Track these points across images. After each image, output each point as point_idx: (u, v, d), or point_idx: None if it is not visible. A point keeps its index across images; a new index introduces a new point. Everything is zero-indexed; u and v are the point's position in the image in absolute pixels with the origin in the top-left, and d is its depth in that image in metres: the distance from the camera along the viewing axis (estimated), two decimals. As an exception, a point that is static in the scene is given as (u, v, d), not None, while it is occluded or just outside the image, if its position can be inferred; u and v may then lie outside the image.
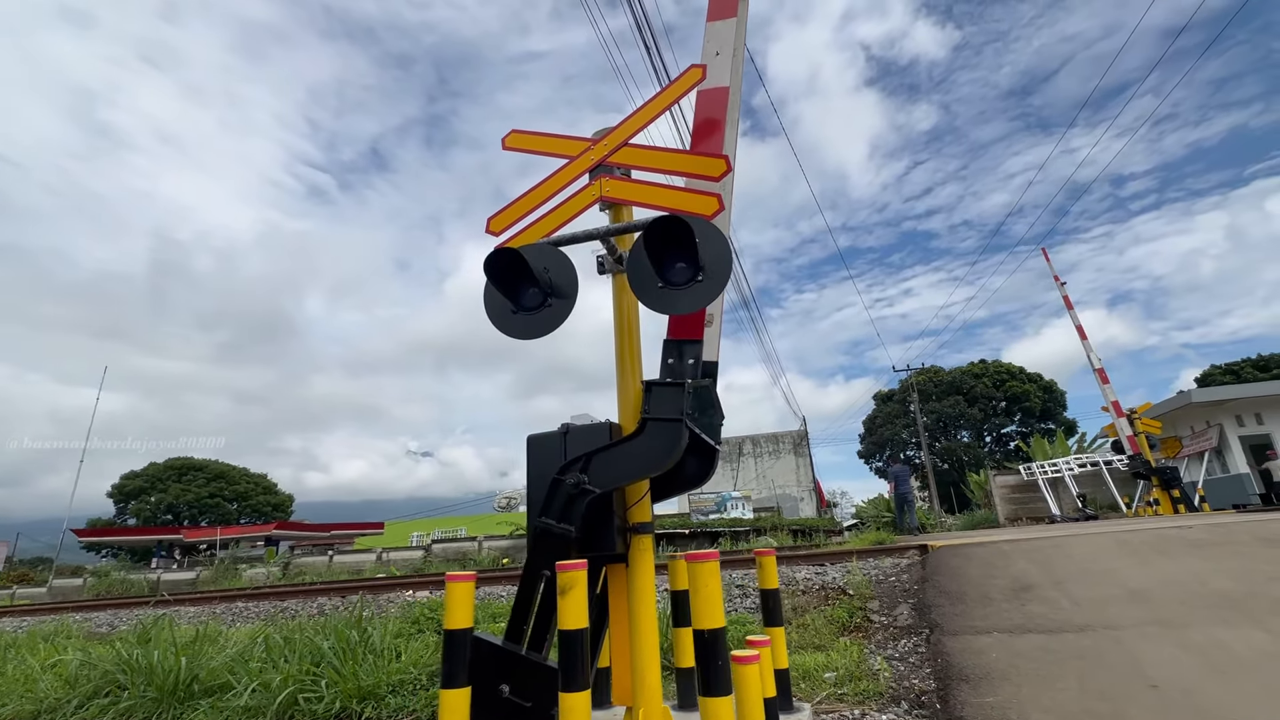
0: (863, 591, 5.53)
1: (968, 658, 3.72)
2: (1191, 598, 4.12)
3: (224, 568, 25.00)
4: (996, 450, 47.65)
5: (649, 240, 2.60)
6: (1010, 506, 23.85)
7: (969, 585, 4.94)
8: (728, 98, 3.34)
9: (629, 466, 2.61)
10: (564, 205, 3.21)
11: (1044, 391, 47.42)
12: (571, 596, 2.07)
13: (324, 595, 8.91)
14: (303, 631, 4.74)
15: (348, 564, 23.72)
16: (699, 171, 3.01)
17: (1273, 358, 43.64)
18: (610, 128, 3.28)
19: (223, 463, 55.87)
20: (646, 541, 2.76)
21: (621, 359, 3.03)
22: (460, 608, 2.27)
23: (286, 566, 24.00)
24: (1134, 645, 3.57)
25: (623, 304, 3.08)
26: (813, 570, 6.59)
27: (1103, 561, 5.05)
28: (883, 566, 6.33)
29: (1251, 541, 5.10)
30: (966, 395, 48.33)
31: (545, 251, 2.92)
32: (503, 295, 2.84)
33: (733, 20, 3.44)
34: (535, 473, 2.78)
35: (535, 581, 2.57)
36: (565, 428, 2.85)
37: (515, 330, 2.89)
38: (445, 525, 40.27)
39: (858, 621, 4.95)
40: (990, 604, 4.51)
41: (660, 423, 2.60)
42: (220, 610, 8.67)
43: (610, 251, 3.10)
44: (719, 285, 2.66)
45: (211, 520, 50.75)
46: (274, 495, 57.65)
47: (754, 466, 32.32)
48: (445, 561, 22.34)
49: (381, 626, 4.95)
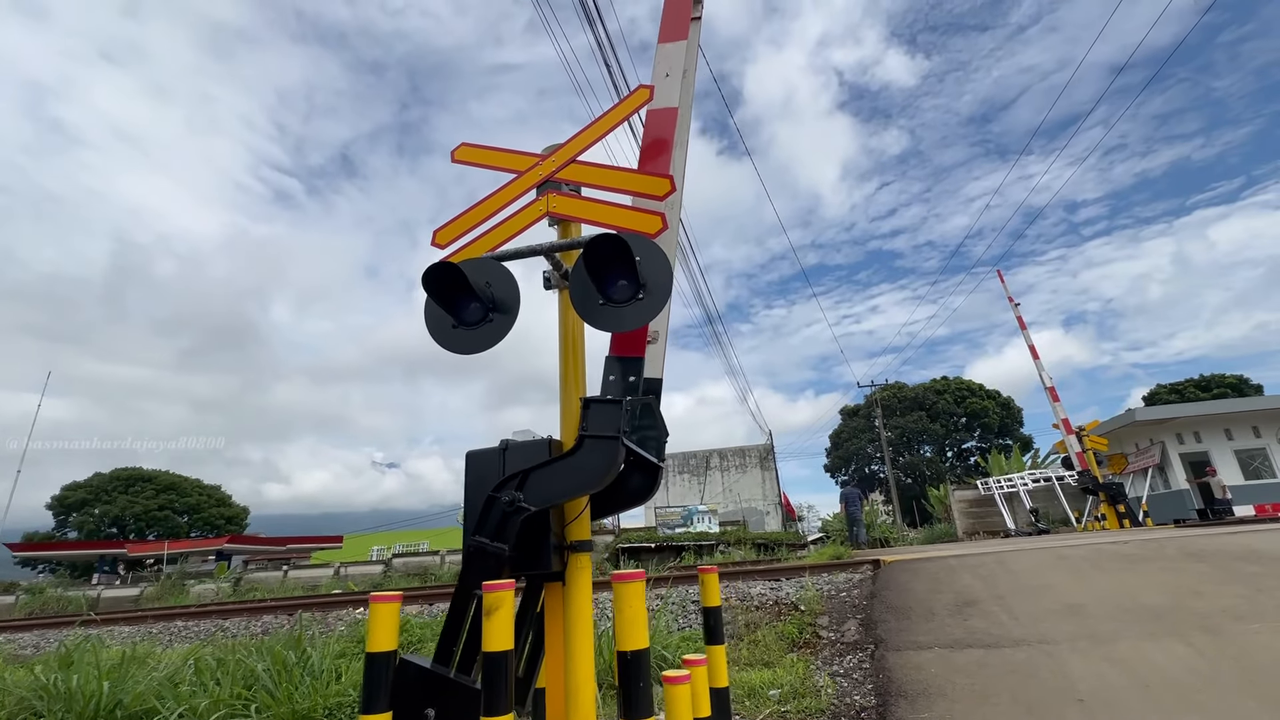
0: (814, 607, 5.57)
1: (908, 673, 3.78)
2: (1121, 612, 4.26)
3: (170, 584, 23.94)
4: (958, 465, 48.84)
5: (589, 258, 2.61)
6: (968, 520, 24.43)
7: (915, 600, 5.03)
8: (676, 118, 3.39)
9: (565, 484, 2.59)
10: (511, 219, 3.20)
11: (1002, 408, 48.90)
12: (497, 617, 2.03)
13: (270, 613, 8.59)
14: (237, 652, 4.55)
15: (303, 579, 22.97)
16: (644, 190, 3.04)
17: (1214, 378, 45.87)
18: (559, 144, 3.30)
19: (173, 473, 53.65)
20: (584, 560, 2.73)
21: (565, 375, 3.02)
22: (383, 629, 2.22)
23: (238, 582, 23.12)
24: (1065, 659, 3.67)
25: (567, 320, 3.08)
26: (768, 585, 6.63)
27: (1043, 576, 5.19)
28: (836, 582, 6.40)
29: (1180, 556, 5.32)
30: (929, 411, 49.51)
31: (487, 266, 2.91)
32: (442, 309, 2.81)
33: (683, 43, 3.50)
34: (472, 490, 2.73)
35: (467, 601, 2.52)
36: (505, 444, 2.82)
37: (455, 345, 2.86)
38: (407, 539, 39.36)
39: (807, 637, 4.99)
40: (934, 619, 4.59)
41: (597, 440, 2.59)
42: (157, 630, 8.28)
43: (556, 267, 3.09)
44: (659, 303, 2.68)
45: (160, 534, 48.61)
46: (228, 507, 55.53)
47: (721, 480, 32.45)
48: (405, 576, 21.81)
49: (323, 646, 4.79)
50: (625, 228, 2.88)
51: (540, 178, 3.20)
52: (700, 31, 3.81)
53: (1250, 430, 17.68)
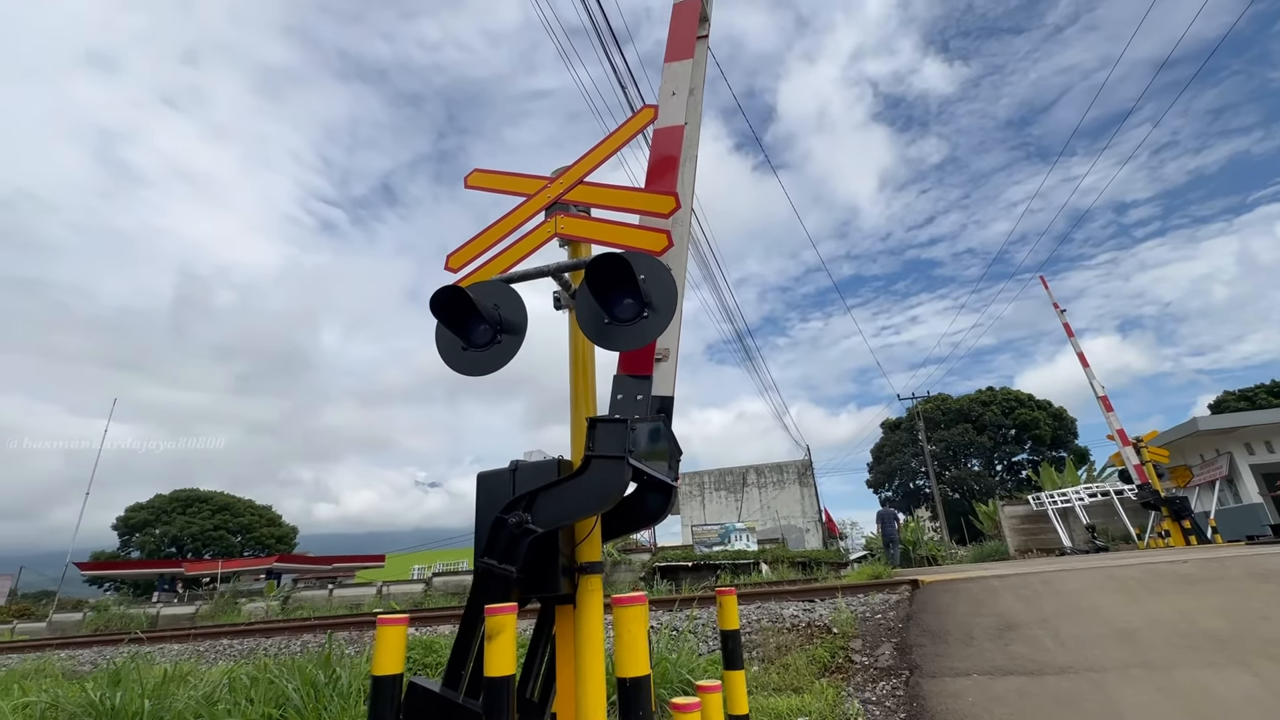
0: (847, 630, 5.38)
1: (943, 702, 3.60)
2: (1178, 638, 3.98)
3: (224, 602, 24.79)
4: (1008, 479, 46.82)
5: (592, 277, 2.61)
6: (1020, 537, 23.33)
7: (953, 624, 4.80)
8: (683, 136, 3.40)
9: (572, 504, 2.57)
10: (521, 242, 3.24)
11: (1054, 419, 46.77)
12: (499, 641, 2.02)
13: (310, 632, 8.78)
14: (269, 672, 4.65)
15: (348, 598, 23.46)
16: (649, 209, 3.04)
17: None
18: (567, 166, 3.34)
19: (228, 494, 55.85)
20: (595, 582, 2.70)
21: (575, 395, 3.03)
22: (390, 652, 2.23)
23: (286, 601, 23.77)
24: (1115, 688, 3.43)
25: (577, 340, 3.09)
26: (801, 607, 6.44)
27: (1090, 598, 4.90)
28: (871, 603, 6.17)
29: (1245, 577, 4.94)
30: (975, 423, 47.75)
31: (495, 288, 2.95)
32: (452, 332, 2.85)
33: (689, 61, 3.52)
34: (482, 511, 2.74)
35: (475, 624, 2.51)
36: (514, 465, 2.83)
37: (465, 367, 2.89)
38: (448, 558, 39.81)
39: (839, 662, 4.81)
40: (973, 644, 4.37)
41: (603, 460, 2.57)
42: (204, 648, 8.55)
43: (565, 287, 3.12)
44: (664, 321, 2.67)
45: (215, 553, 50.49)
46: (278, 527, 57.38)
47: (758, 497, 31.89)
48: (445, 595, 22.04)
49: (353, 667, 4.86)
50: (632, 246, 2.89)
51: (549, 200, 3.24)
52: (707, 51, 3.83)
53: (1329, 439, 16.45)
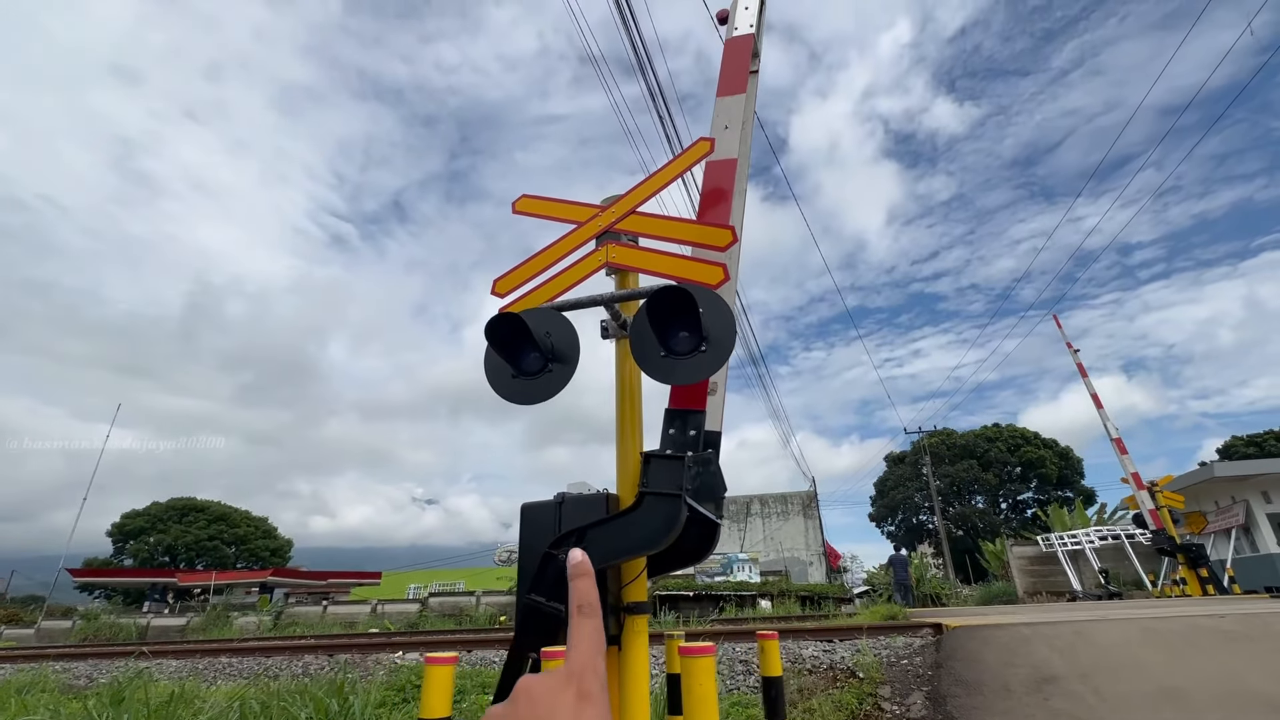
0: (873, 675, 5.22)
1: (987, 760, 3.45)
2: (1228, 699, 3.83)
3: (215, 614, 24.41)
4: (1013, 517, 46.21)
5: (652, 309, 2.57)
6: (1029, 579, 22.91)
7: (987, 674, 4.65)
8: (735, 169, 3.39)
9: (625, 542, 2.49)
10: (570, 270, 3.21)
11: (1060, 458, 46.33)
12: (556, 688, 1.93)
13: (311, 653, 8.58)
14: (281, 698, 4.51)
15: (341, 615, 23.09)
16: (705, 241, 3.01)
17: (1297, 430, 42.56)
18: (619, 195, 3.33)
19: (225, 504, 55.44)
20: (641, 623, 2.61)
21: (622, 427, 2.96)
22: (438, 694, 2.13)
23: (279, 616, 23.39)
24: (1169, 754, 3.29)
25: (625, 371, 3.04)
26: (820, 647, 6.26)
27: (1130, 652, 4.74)
28: (894, 646, 6.00)
29: (1290, 636, 4.79)
30: (980, 459, 47.31)
31: (548, 316, 2.90)
32: (503, 359, 2.80)
33: (742, 96, 3.53)
34: (527, 544, 2.66)
35: (522, 663, 2.41)
36: (560, 497, 2.75)
37: (513, 395, 2.84)
38: (443, 578, 39.31)
39: (868, 709, 4.65)
40: (1010, 697, 4.22)
41: (658, 497, 2.50)
42: (203, 665, 8.36)
43: (614, 317, 3.07)
44: (723, 356, 2.61)
45: (208, 564, 49.93)
46: (273, 540, 56.79)
47: (762, 527, 31.49)
48: (441, 617, 21.68)
49: (364, 695, 4.72)
50: (686, 278, 2.85)
51: (600, 228, 3.22)
52: (758, 84, 3.85)
53: (1348, 489, 16.20)
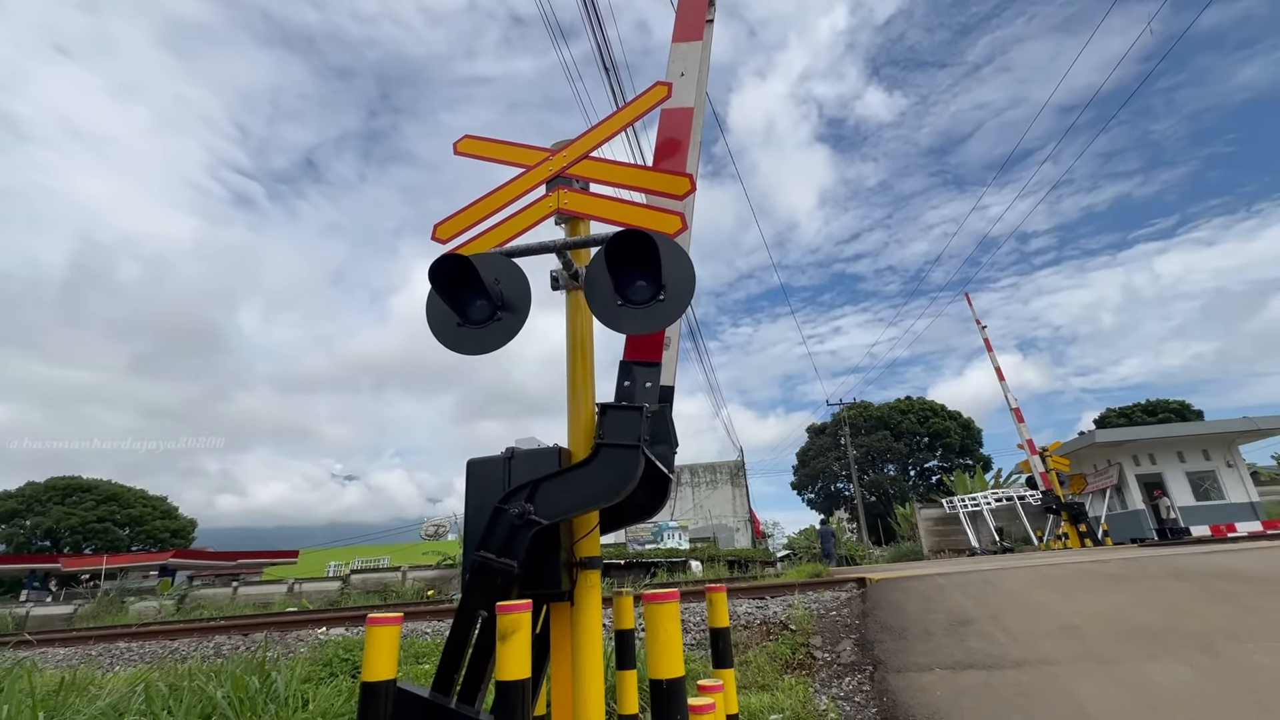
0: (805, 626, 5.45)
1: (913, 696, 3.67)
2: (1117, 632, 4.25)
3: (108, 601, 22.52)
4: (920, 484, 49.74)
5: (611, 254, 2.46)
6: (933, 539, 24.80)
7: (909, 620, 4.95)
8: (692, 119, 3.29)
9: (580, 496, 2.41)
10: (518, 215, 3.03)
11: (963, 429, 50.13)
12: (513, 642, 1.84)
13: (223, 634, 8.04)
14: (193, 678, 4.17)
15: (254, 596, 21.90)
16: (662, 189, 2.91)
17: (1159, 403, 47.99)
18: (569, 139, 3.16)
19: (116, 483, 50.89)
20: (594, 578, 2.56)
21: (574, 380, 2.85)
22: (382, 656, 1.99)
23: (183, 599, 21.90)
24: (1070, 681, 3.61)
25: (577, 322, 2.92)
26: (754, 604, 6.48)
27: (1032, 595, 5.18)
28: (823, 600, 6.30)
29: (1163, 575, 5.38)
30: (893, 430, 50.43)
31: (497, 262, 2.74)
32: (448, 306, 2.62)
33: (698, 43, 3.42)
34: (475, 501, 2.53)
35: (470, 623, 2.31)
36: (510, 452, 2.63)
37: (460, 344, 2.67)
38: (366, 554, 38.00)
39: (801, 658, 4.85)
40: (931, 639, 4.51)
41: (615, 449, 2.43)
42: (97, 652, 7.66)
43: (565, 266, 2.94)
44: (681, 306, 2.55)
45: (97, 547, 45.86)
46: (173, 520, 52.80)
47: (691, 496, 32.32)
48: (365, 594, 20.97)
49: (288, 671, 4.45)
50: (642, 226, 2.75)
51: (550, 173, 3.05)
52: (713, 34, 3.74)
53: (1200, 454, 18.42)
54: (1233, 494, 17.72)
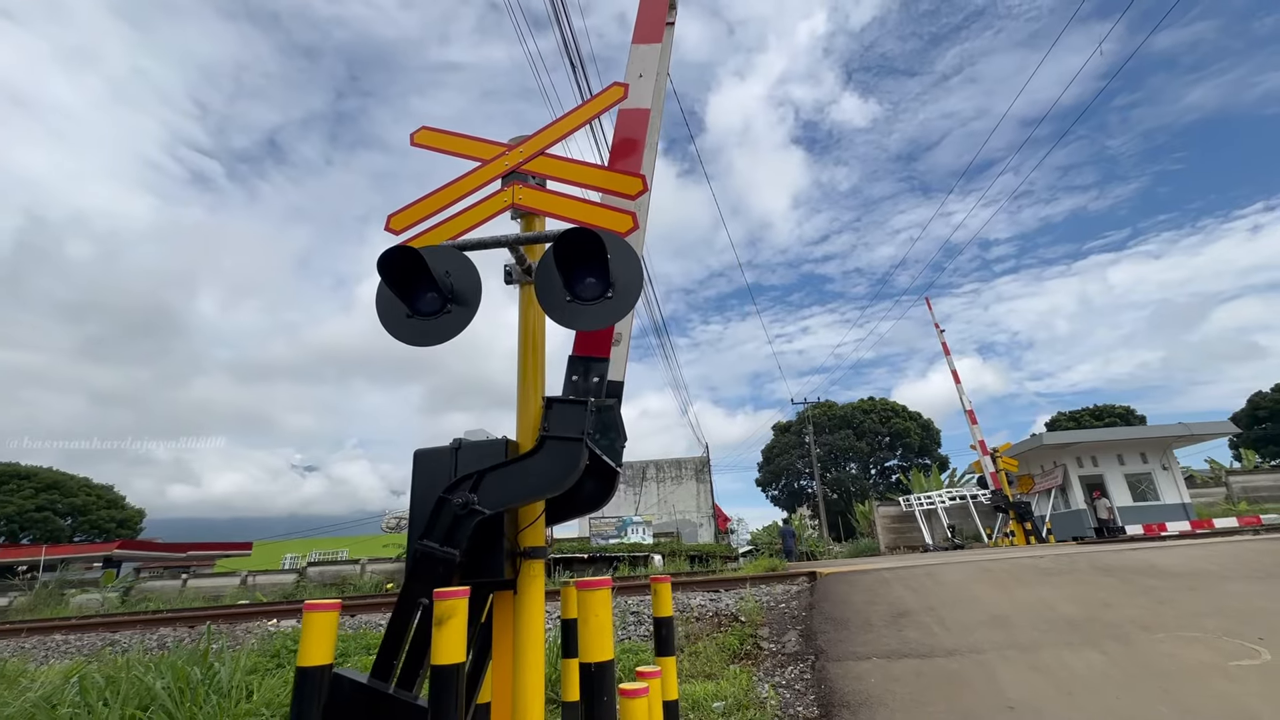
0: (754, 618, 5.60)
1: (849, 683, 3.83)
2: (1043, 622, 4.50)
3: (46, 593, 21.59)
4: (880, 482, 51.06)
5: (560, 252, 2.51)
6: (890, 535, 25.52)
7: (852, 612, 5.13)
8: (648, 120, 3.36)
9: (523, 486, 2.46)
10: (473, 209, 3.06)
11: (923, 429, 51.60)
12: (448, 628, 1.88)
13: (168, 625, 7.84)
14: (131, 669, 4.09)
15: (205, 589, 21.28)
16: (615, 188, 2.97)
17: (1105, 408, 50.23)
18: (527, 135, 3.19)
19: (57, 470, 48.70)
20: (538, 568, 2.61)
21: (524, 374, 2.90)
22: (318, 641, 2.02)
23: (128, 592, 21.14)
24: (995, 668, 3.82)
25: (529, 317, 2.96)
26: (707, 597, 6.62)
27: (969, 589, 5.43)
28: (774, 593, 6.47)
29: (1090, 570, 5.69)
30: (856, 429, 51.60)
31: (448, 254, 2.75)
32: (397, 297, 2.63)
33: (657, 45, 3.48)
34: (420, 491, 2.56)
35: (411, 611, 2.34)
36: (457, 443, 2.66)
37: (408, 336, 2.68)
38: (325, 546, 37.19)
39: (748, 649, 4.99)
40: (871, 630, 4.70)
41: (559, 441, 2.48)
42: (31, 644, 7.39)
43: (519, 261, 2.97)
44: (628, 303, 2.61)
45: (36, 538, 43.84)
46: (120, 510, 50.83)
47: (656, 491, 32.54)
48: (322, 587, 20.58)
49: (233, 662, 4.39)
50: (595, 225, 2.80)
51: (506, 168, 3.08)
52: (673, 37, 3.81)
53: (1139, 456, 19.38)
54: (1167, 495, 18.70)
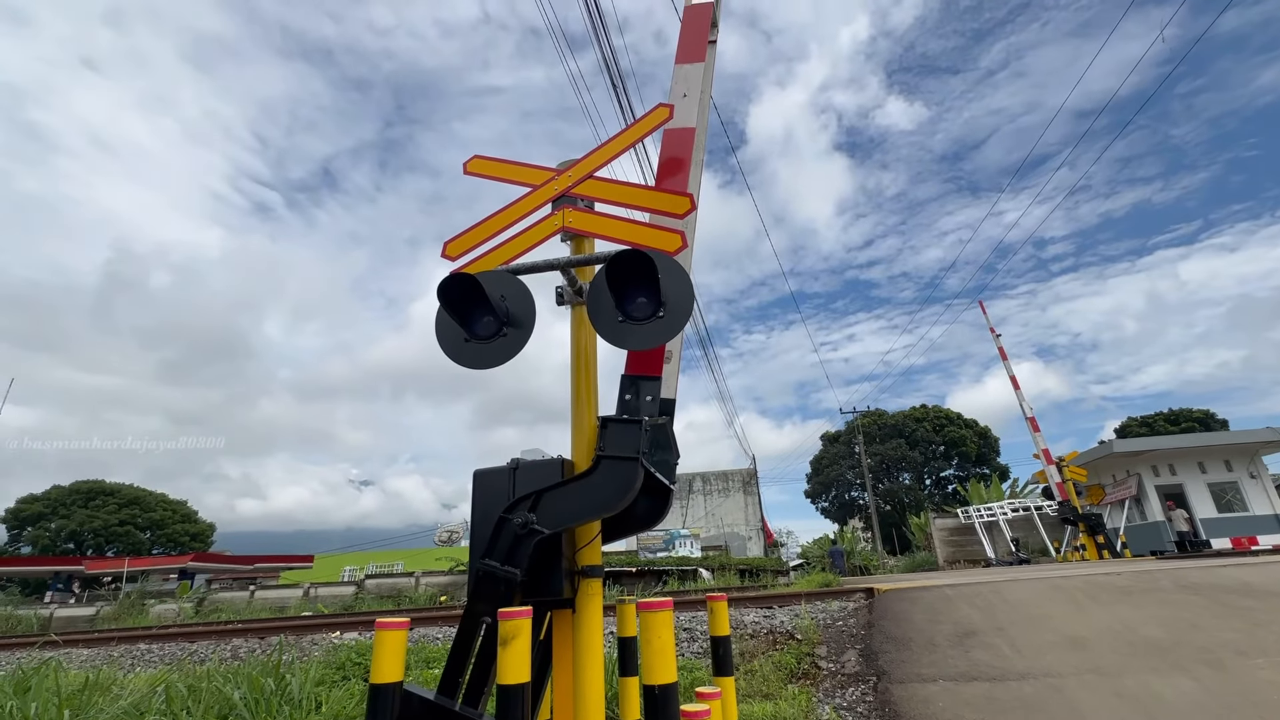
0: (811, 636, 5.47)
1: (915, 707, 3.69)
2: (1124, 645, 4.23)
3: (129, 603, 22.97)
4: (936, 493, 49.15)
5: (612, 273, 2.55)
6: (949, 549, 24.50)
7: (914, 631, 4.95)
8: (694, 138, 3.39)
9: (581, 506, 2.50)
10: (525, 234, 3.14)
11: (980, 437, 49.49)
12: (513, 647, 1.92)
13: (240, 636, 8.21)
14: (211, 679, 4.30)
15: (270, 600, 22.21)
16: (663, 208, 3.00)
17: (1182, 412, 47.03)
18: (575, 159, 3.27)
19: (138, 487, 51.88)
20: (595, 586, 2.63)
21: (577, 393, 2.94)
22: (389, 658, 2.09)
23: (201, 602, 22.26)
24: (1074, 694, 3.61)
25: (581, 337, 3.01)
26: (761, 614, 6.50)
27: (1040, 607, 5.16)
28: (830, 610, 6.30)
29: (1174, 589, 5.33)
30: (908, 438, 49.93)
31: (503, 279, 2.84)
32: (456, 322, 2.73)
33: (700, 65, 3.52)
34: (480, 510, 2.63)
35: (475, 628, 2.40)
36: (515, 463, 2.72)
37: (467, 359, 2.77)
38: (381, 559, 38.32)
39: (805, 668, 4.88)
40: (936, 650, 4.52)
41: (615, 461, 2.51)
42: (119, 653, 7.86)
43: (570, 283, 3.03)
44: (680, 322, 2.63)
45: (119, 550, 46.74)
46: (193, 524, 53.70)
47: (703, 504, 32.23)
48: (379, 599, 21.17)
49: (302, 673, 4.56)
50: (644, 245, 2.84)
51: (556, 192, 3.16)
52: (715, 56, 3.84)
53: (1222, 464, 18.06)
54: (1257, 506, 17.33)
